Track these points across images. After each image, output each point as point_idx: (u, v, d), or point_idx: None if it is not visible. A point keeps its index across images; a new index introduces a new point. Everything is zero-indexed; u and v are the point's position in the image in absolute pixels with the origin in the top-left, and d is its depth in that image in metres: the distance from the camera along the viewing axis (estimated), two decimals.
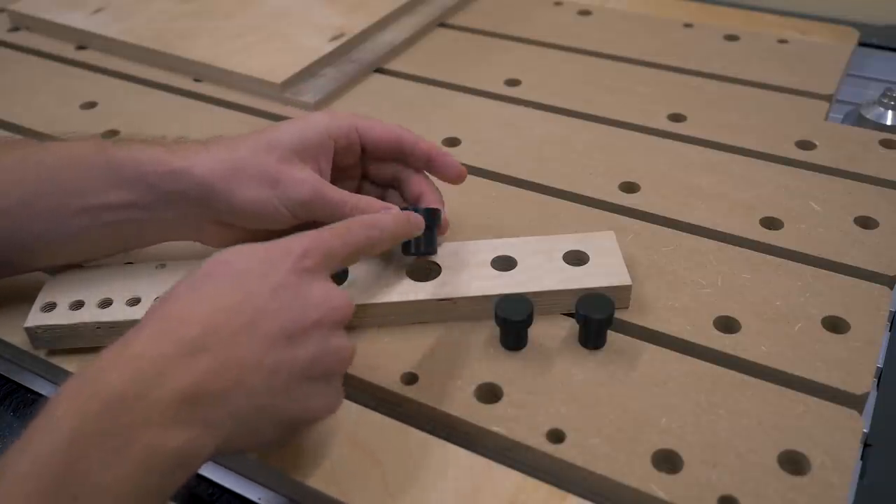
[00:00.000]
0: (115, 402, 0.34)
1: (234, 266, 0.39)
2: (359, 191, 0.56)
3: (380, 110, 0.75)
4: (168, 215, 0.50)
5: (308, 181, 0.50)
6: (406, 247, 0.52)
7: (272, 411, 0.38)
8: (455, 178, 0.55)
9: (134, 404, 0.34)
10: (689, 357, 0.50)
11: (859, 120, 0.73)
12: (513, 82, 0.78)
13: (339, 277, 0.52)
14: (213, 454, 0.37)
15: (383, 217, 0.47)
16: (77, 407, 0.34)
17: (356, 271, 0.53)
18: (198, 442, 0.35)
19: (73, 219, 0.49)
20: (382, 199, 0.54)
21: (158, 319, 0.37)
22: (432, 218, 0.52)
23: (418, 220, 0.50)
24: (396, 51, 0.83)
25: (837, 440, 0.44)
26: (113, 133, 0.72)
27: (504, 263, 0.54)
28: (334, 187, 0.51)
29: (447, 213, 0.55)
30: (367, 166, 0.56)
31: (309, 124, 0.52)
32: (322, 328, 0.40)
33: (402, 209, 0.51)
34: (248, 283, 0.38)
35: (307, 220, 0.51)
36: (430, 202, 0.54)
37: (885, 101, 0.71)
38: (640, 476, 0.43)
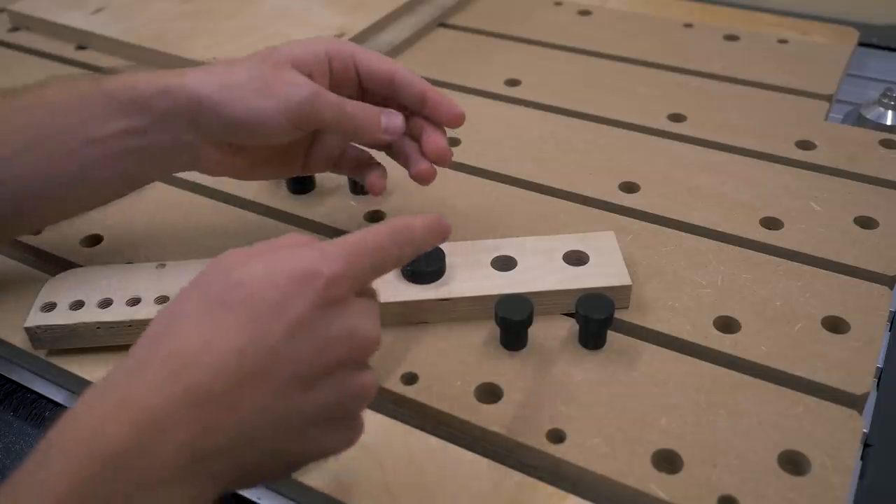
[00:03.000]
0: (115, 461, 0.31)
1: (251, 293, 0.34)
2: None
3: None
4: (164, 138, 0.49)
5: (304, 83, 0.48)
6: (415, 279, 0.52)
7: (281, 456, 0.36)
8: (451, 121, 0.52)
9: (135, 463, 0.31)
10: (688, 357, 0.50)
11: (859, 120, 0.73)
12: (513, 82, 0.78)
13: None
14: (217, 497, 0.35)
15: (417, 229, 0.40)
16: (74, 465, 0.31)
17: None
18: (202, 495, 0.33)
19: (76, 155, 0.49)
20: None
21: (164, 360, 0.33)
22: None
23: (447, 227, 0.42)
24: (396, 51, 0.83)
25: (837, 440, 0.44)
26: None
27: (504, 263, 0.54)
28: (334, 95, 0.49)
29: (449, 154, 0.53)
30: (380, 103, 0.53)
31: (307, 42, 0.50)
32: (344, 368, 0.36)
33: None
34: (263, 319, 0.34)
35: (306, 128, 0.50)
36: (430, 140, 0.52)
37: (885, 101, 0.71)
38: (640, 476, 0.43)
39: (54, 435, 0.32)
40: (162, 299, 0.51)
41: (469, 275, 0.53)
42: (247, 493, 0.46)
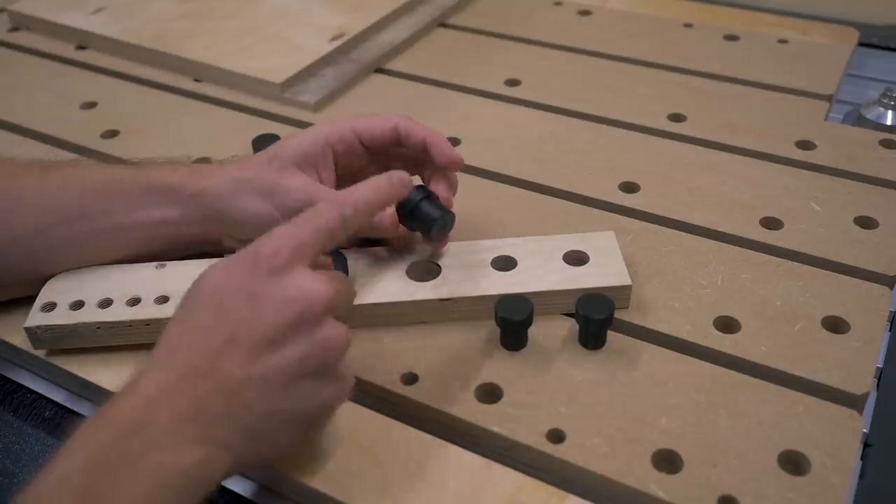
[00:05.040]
0: (125, 430, 0.36)
1: (209, 286, 0.40)
2: None
3: (380, 110, 0.74)
4: (194, 230, 0.53)
5: (300, 188, 0.51)
6: (426, 233, 0.52)
7: (278, 416, 0.39)
8: (446, 165, 0.53)
9: (142, 430, 0.36)
10: (689, 357, 0.50)
11: (859, 120, 0.73)
12: (513, 82, 0.78)
13: None
14: (236, 470, 0.39)
15: (355, 191, 0.45)
16: (91, 436, 0.36)
17: (356, 271, 0.53)
18: (211, 459, 0.37)
19: (104, 237, 0.52)
20: None
21: (158, 353, 0.39)
22: (425, 192, 0.52)
23: (401, 178, 0.47)
24: (396, 51, 0.83)
25: (837, 440, 0.44)
26: (113, 133, 0.72)
27: (504, 263, 0.54)
28: (331, 190, 0.52)
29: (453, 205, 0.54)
30: (389, 162, 0.56)
31: (306, 135, 0.53)
32: (305, 324, 0.39)
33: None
34: (223, 300, 0.40)
35: None
36: (438, 191, 0.53)
37: (885, 101, 0.71)
38: (640, 476, 0.43)
39: (82, 423, 0.37)
40: (162, 299, 0.51)
41: (469, 275, 0.53)
42: (248, 494, 0.46)
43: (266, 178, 0.51)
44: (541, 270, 0.53)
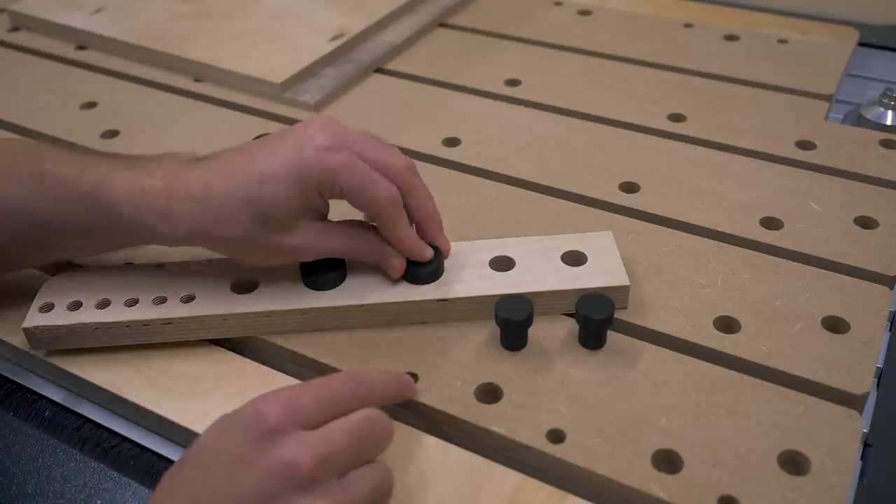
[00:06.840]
0: None
1: (204, 445, 0.39)
2: None
3: (380, 110, 0.75)
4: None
5: (312, 247, 0.49)
6: (415, 279, 0.52)
7: None
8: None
9: None
10: (688, 357, 0.50)
11: (859, 120, 0.73)
12: (513, 82, 0.78)
13: (337, 279, 0.52)
14: None
15: (372, 374, 0.45)
16: None
17: (355, 272, 0.53)
18: None
19: (74, 245, 0.51)
20: None
21: None
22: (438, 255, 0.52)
23: (409, 381, 0.47)
24: (396, 51, 0.83)
25: (837, 440, 0.44)
26: (113, 133, 0.72)
27: (503, 263, 0.54)
28: (338, 234, 0.50)
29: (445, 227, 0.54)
30: None
31: (293, 179, 0.47)
32: (284, 494, 0.37)
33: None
34: (209, 465, 0.38)
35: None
36: (428, 231, 0.52)
37: (885, 101, 0.71)
38: (640, 476, 0.43)
39: None
40: (160, 300, 0.51)
41: (468, 275, 0.53)
42: None
43: (263, 241, 0.48)
44: (539, 270, 0.53)
